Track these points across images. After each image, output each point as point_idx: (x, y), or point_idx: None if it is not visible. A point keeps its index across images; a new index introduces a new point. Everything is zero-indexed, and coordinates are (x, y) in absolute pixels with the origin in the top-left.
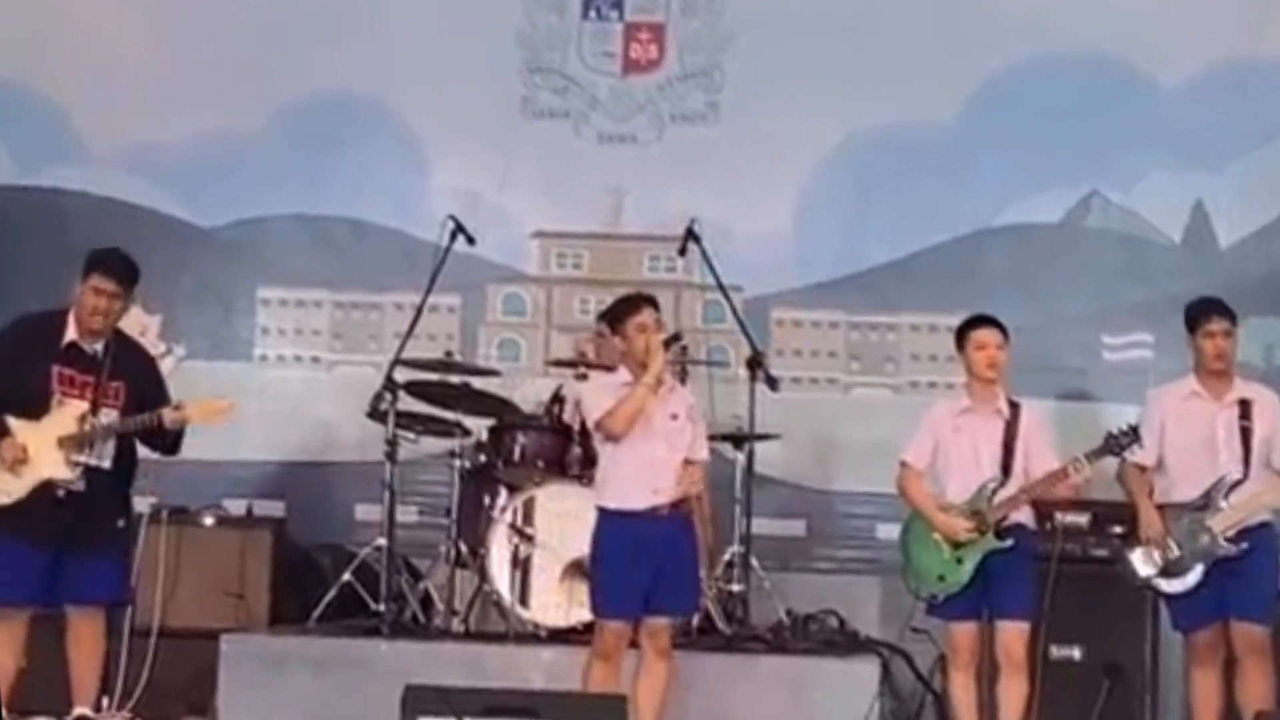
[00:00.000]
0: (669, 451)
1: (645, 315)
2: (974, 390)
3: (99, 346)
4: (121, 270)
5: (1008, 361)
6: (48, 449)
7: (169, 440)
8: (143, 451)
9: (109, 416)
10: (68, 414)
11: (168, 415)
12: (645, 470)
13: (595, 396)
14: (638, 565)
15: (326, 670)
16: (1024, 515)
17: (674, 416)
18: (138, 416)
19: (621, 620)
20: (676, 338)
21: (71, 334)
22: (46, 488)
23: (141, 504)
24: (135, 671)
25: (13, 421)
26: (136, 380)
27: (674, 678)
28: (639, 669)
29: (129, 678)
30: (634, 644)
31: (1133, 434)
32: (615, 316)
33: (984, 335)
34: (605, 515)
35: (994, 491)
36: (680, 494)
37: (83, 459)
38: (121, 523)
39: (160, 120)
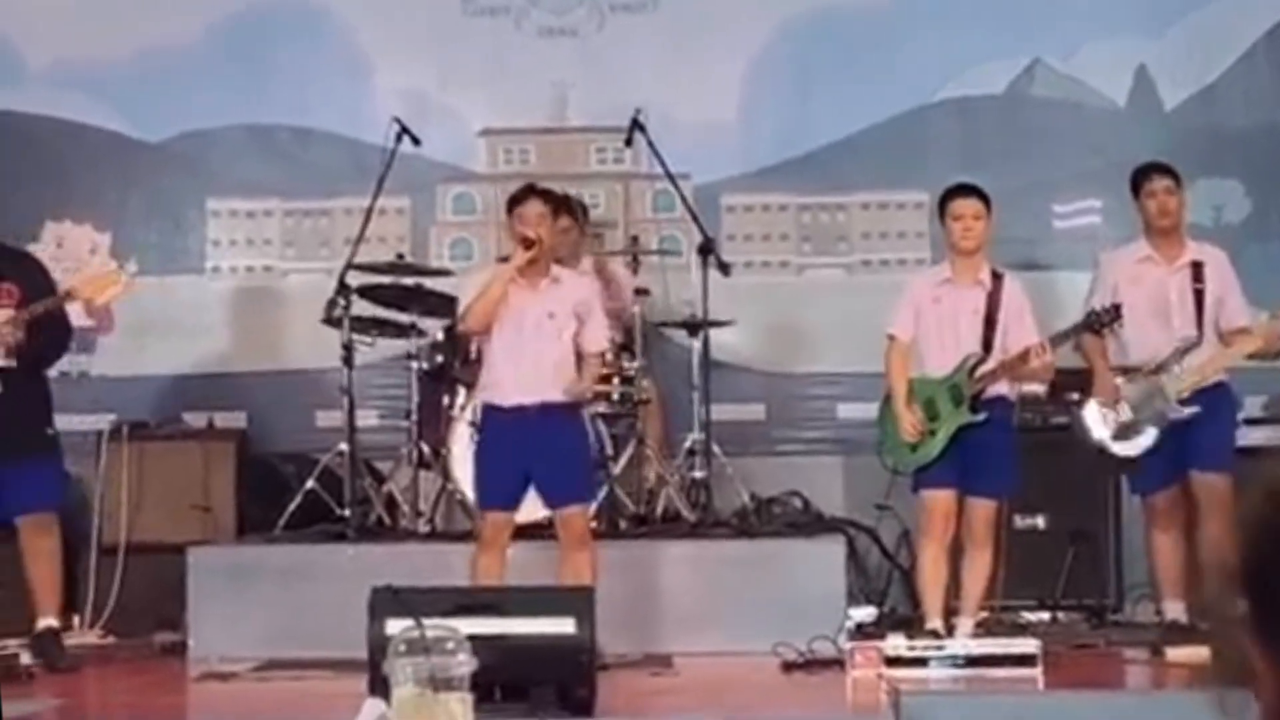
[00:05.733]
0: (539, 350)
1: (526, 206)
2: (954, 261)
3: None
4: None
5: (988, 231)
6: None
7: (56, 339)
8: (100, 368)
9: (4, 316)
10: None
11: (63, 298)
12: (513, 368)
13: (464, 288)
14: (509, 459)
15: (294, 578)
16: (1004, 387)
17: (551, 315)
18: (37, 303)
19: (495, 510)
20: (531, 242)
21: None
22: None
23: (100, 421)
24: (104, 589)
25: None
26: (28, 279)
27: (595, 565)
28: (560, 559)
29: (98, 596)
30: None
31: (1114, 311)
32: (507, 204)
33: (960, 205)
34: (484, 409)
35: (974, 366)
36: (568, 395)
37: None
38: (50, 430)
39: (99, 36)
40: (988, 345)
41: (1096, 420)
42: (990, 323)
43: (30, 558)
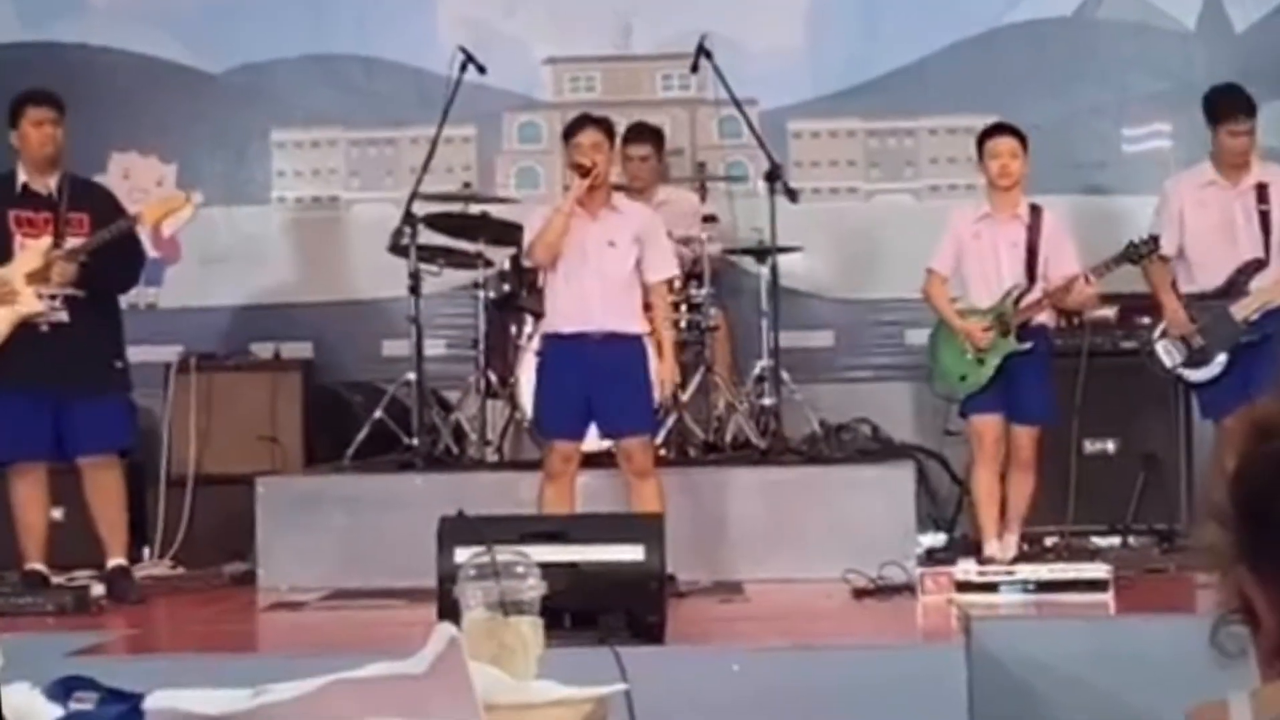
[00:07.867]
0: (601, 279)
1: (582, 136)
2: (993, 197)
3: (52, 184)
4: (53, 97)
5: (1024, 169)
6: (18, 288)
7: (126, 266)
8: (168, 300)
9: (47, 247)
10: (32, 251)
11: (129, 223)
12: (574, 297)
13: (531, 222)
14: (568, 388)
15: (362, 507)
16: (1045, 316)
17: (611, 243)
18: (100, 231)
19: (558, 439)
20: (587, 170)
21: (22, 178)
22: (26, 327)
23: (168, 353)
24: (173, 521)
25: None
26: (98, 208)
27: (662, 493)
28: (627, 489)
29: (167, 527)
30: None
31: (1153, 242)
32: (563, 134)
33: (997, 144)
34: (545, 338)
35: (1018, 297)
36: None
37: (52, 290)
38: (119, 364)
39: None
40: (1030, 277)
41: (1168, 351)
42: (1031, 255)
43: (94, 498)
